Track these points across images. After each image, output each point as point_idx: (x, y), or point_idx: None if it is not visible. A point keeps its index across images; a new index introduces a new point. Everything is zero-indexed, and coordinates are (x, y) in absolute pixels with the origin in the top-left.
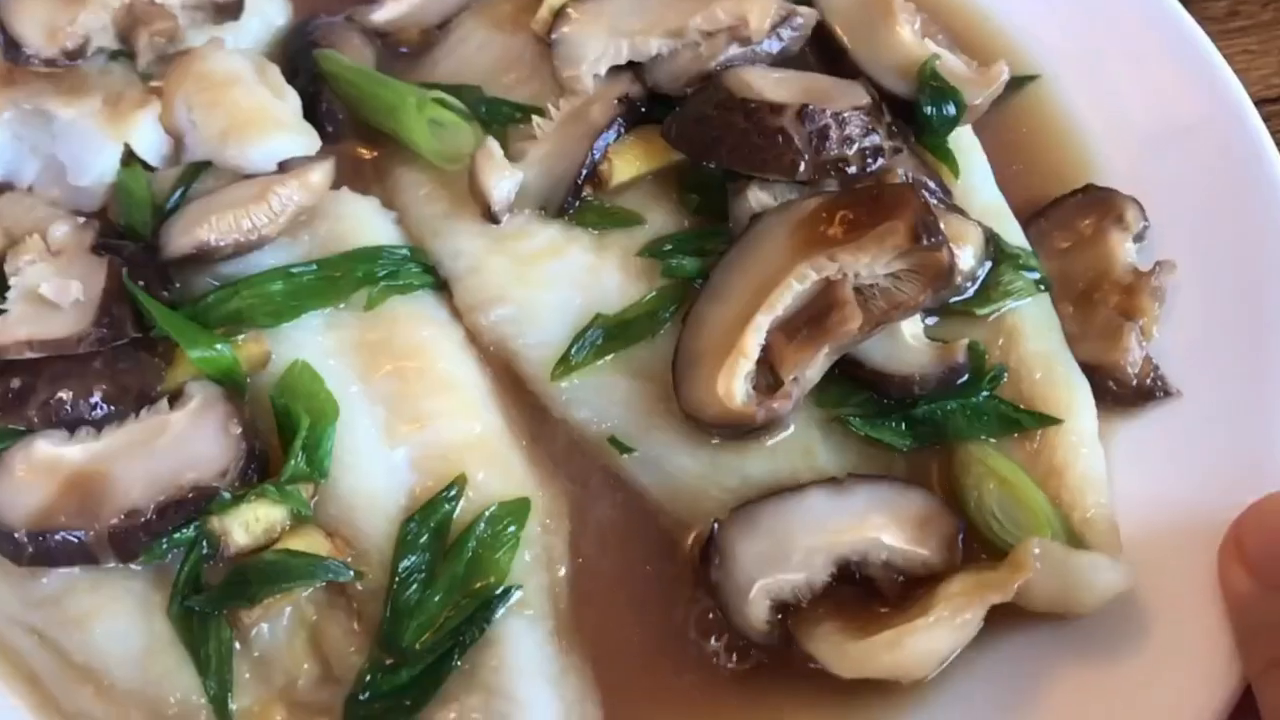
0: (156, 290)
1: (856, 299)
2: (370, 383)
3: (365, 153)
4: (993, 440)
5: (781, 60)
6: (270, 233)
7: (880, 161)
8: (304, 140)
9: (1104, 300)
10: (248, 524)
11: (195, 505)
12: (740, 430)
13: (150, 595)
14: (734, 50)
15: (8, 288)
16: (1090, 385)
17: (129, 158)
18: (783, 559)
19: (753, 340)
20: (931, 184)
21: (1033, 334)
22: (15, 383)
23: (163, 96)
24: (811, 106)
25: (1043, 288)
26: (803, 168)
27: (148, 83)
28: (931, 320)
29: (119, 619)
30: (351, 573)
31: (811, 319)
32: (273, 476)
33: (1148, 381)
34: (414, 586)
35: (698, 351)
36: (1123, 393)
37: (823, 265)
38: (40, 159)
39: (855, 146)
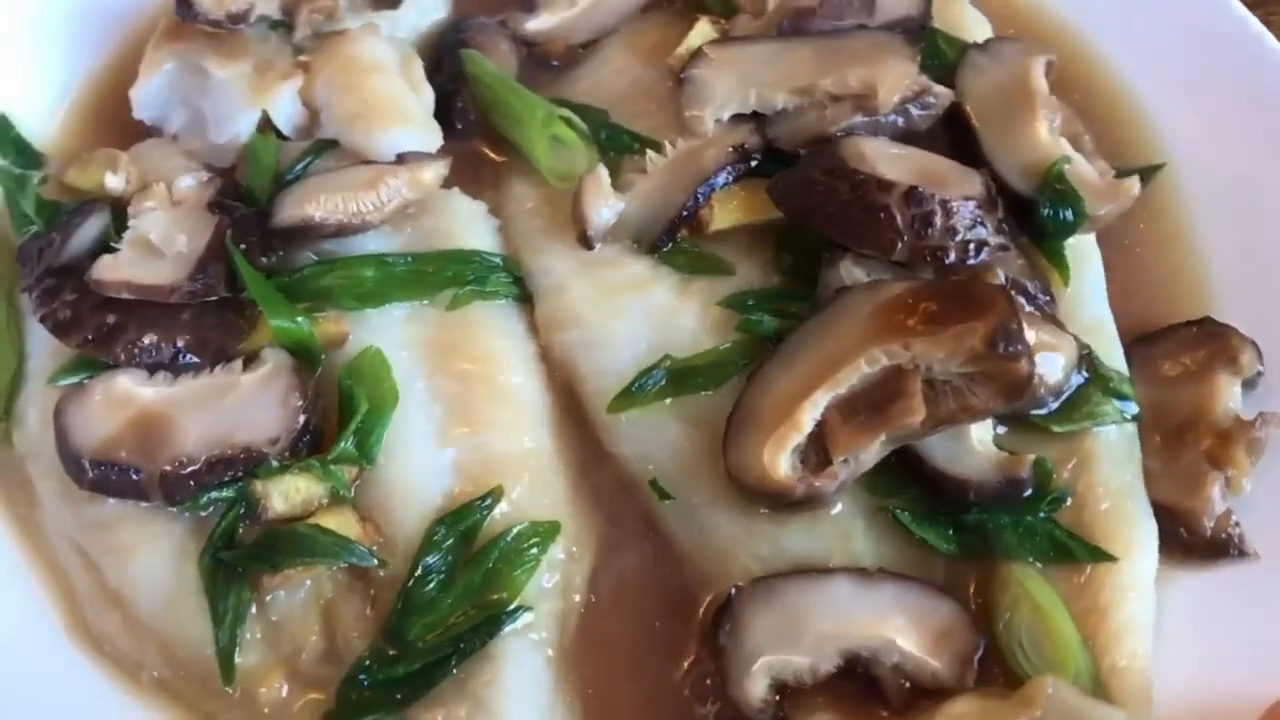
0: (257, 255)
1: (926, 393)
2: (435, 380)
3: (490, 156)
4: (1040, 564)
5: (906, 134)
6: (374, 219)
7: (982, 257)
8: (427, 136)
9: (1195, 442)
10: (287, 493)
11: (242, 466)
12: (778, 501)
13: (187, 542)
14: (857, 118)
15: (127, 227)
16: (1159, 528)
17: (265, 124)
18: (793, 639)
19: (808, 414)
20: (1033, 288)
21: (1108, 463)
22: (110, 319)
23: (309, 72)
24: (920, 189)
25: (1130, 418)
26: (899, 249)
27: (298, 56)
28: (1004, 428)
29: (155, 557)
30: (375, 560)
31: (873, 404)
32: (323, 453)
33: (1222, 536)
34: (430, 585)
35: (754, 414)
36: (1193, 543)
37: (895, 352)
38: (189, 111)
39: (958, 237)
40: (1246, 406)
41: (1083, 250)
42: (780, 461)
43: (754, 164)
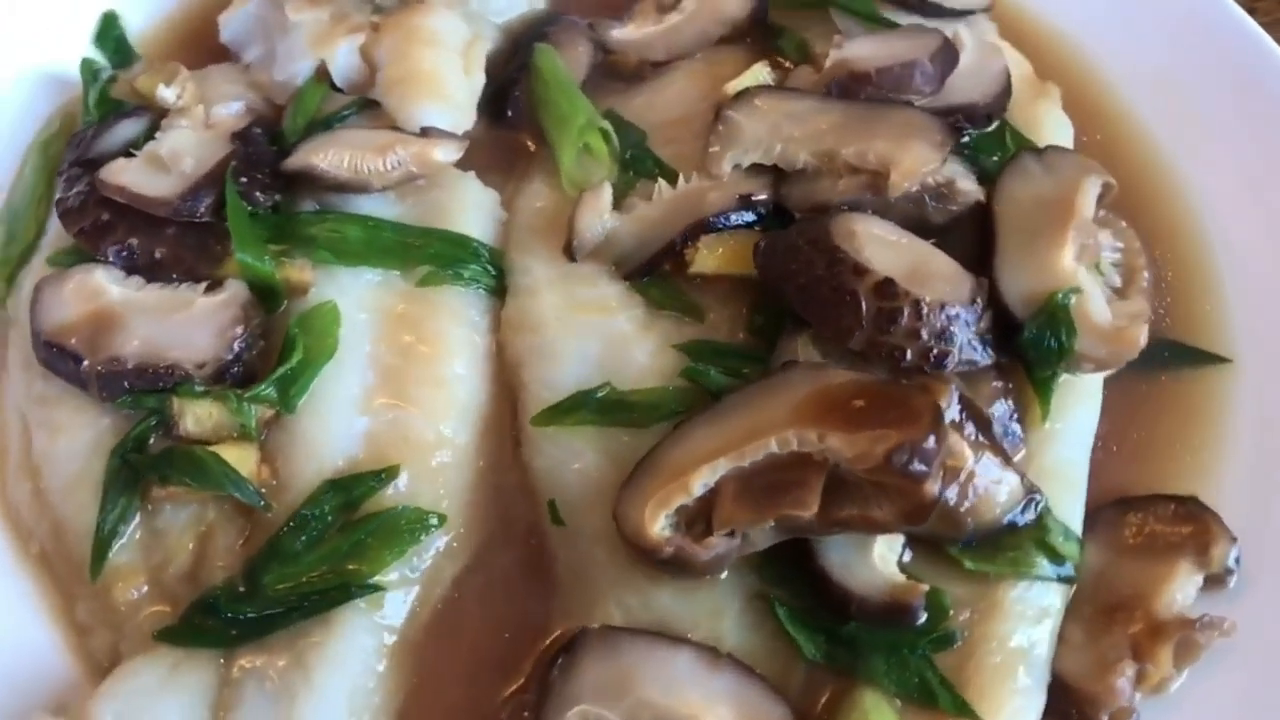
0: (256, 191)
1: (833, 492)
2: (379, 348)
3: (530, 148)
4: (899, 701)
5: (920, 222)
6: (376, 183)
7: (944, 367)
8: (457, 117)
9: (1126, 624)
10: (199, 417)
11: (166, 380)
12: (647, 557)
13: (107, 437)
14: (867, 195)
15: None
16: (1050, 705)
17: (322, 73)
18: (615, 697)
19: (701, 479)
20: (999, 415)
21: (1015, 619)
22: (105, 217)
23: (377, 31)
24: (894, 283)
25: (1059, 579)
26: (856, 338)
27: (375, 15)
28: (917, 546)
29: (76, 442)
30: (259, 501)
31: (770, 486)
32: (246, 389)
33: None
34: (301, 539)
35: (657, 464)
36: None
37: (808, 440)
38: (265, 46)
39: (920, 341)
40: (1207, 605)
41: (1079, 391)
42: (658, 518)
43: (756, 217)
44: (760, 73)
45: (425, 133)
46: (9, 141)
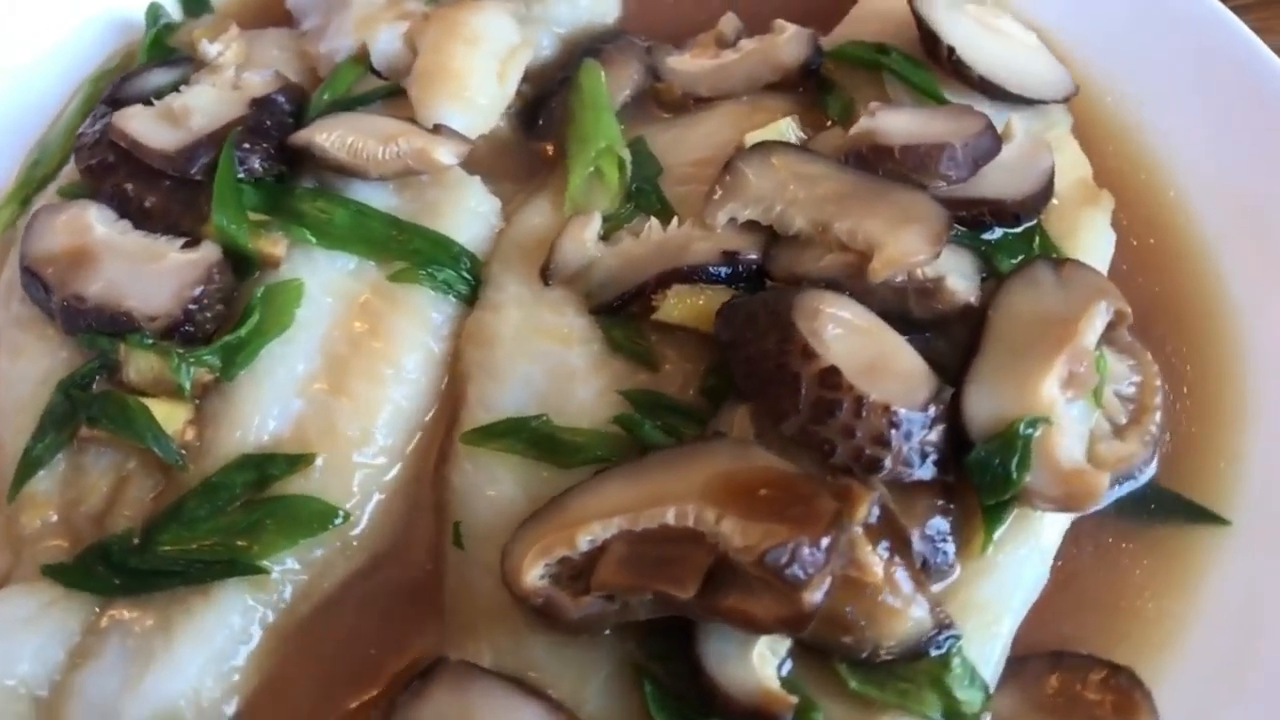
0: (256, 157)
1: (721, 579)
2: (334, 334)
3: (551, 158)
4: None
5: (904, 312)
6: (373, 171)
7: (875, 473)
8: (475, 120)
9: None
10: (140, 368)
11: (119, 325)
12: (519, 601)
13: (59, 369)
14: (848, 276)
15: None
16: None
17: (361, 55)
18: None
19: (586, 535)
20: (928, 535)
21: None
22: (110, 158)
23: (427, 21)
24: (839, 374)
25: None
26: (789, 423)
27: (431, 5)
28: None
29: (33, 367)
30: (176, 460)
31: (656, 557)
32: (191, 350)
33: None
34: (204, 507)
35: (555, 511)
36: None
37: (704, 519)
38: (323, 18)
39: (854, 441)
40: None
41: (1033, 526)
42: (537, 565)
43: (735, 275)
44: (785, 127)
45: (437, 130)
46: (78, 74)
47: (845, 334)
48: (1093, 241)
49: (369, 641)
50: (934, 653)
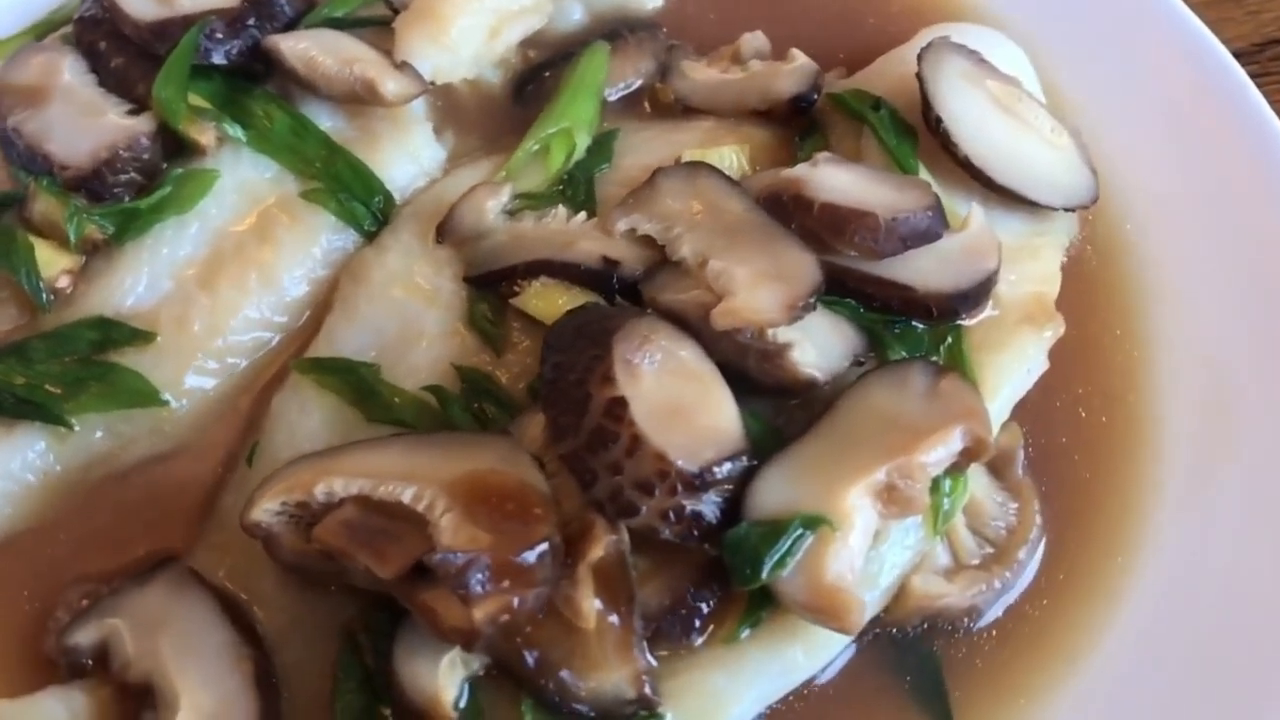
0: (223, 48)
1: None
2: (228, 232)
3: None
4: None
5: (742, 371)
6: (323, 89)
7: (630, 518)
8: (443, 66)
9: None
10: (41, 210)
11: (33, 165)
12: (243, 529)
13: None
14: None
15: None
16: None
17: None
18: (143, 632)
19: (322, 486)
20: (672, 600)
21: None
22: (99, 15)
23: None
24: (625, 410)
25: None
26: (564, 443)
27: None
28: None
29: None
30: (43, 301)
31: (377, 530)
32: (90, 205)
33: None
34: (44, 350)
35: (323, 458)
36: None
37: (432, 507)
38: None
39: (614, 479)
40: None
41: (800, 629)
42: (272, 502)
43: (608, 284)
44: (725, 154)
45: (401, 66)
46: None
47: (662, 372)
48: (1011, 366)
49: (139, 522)
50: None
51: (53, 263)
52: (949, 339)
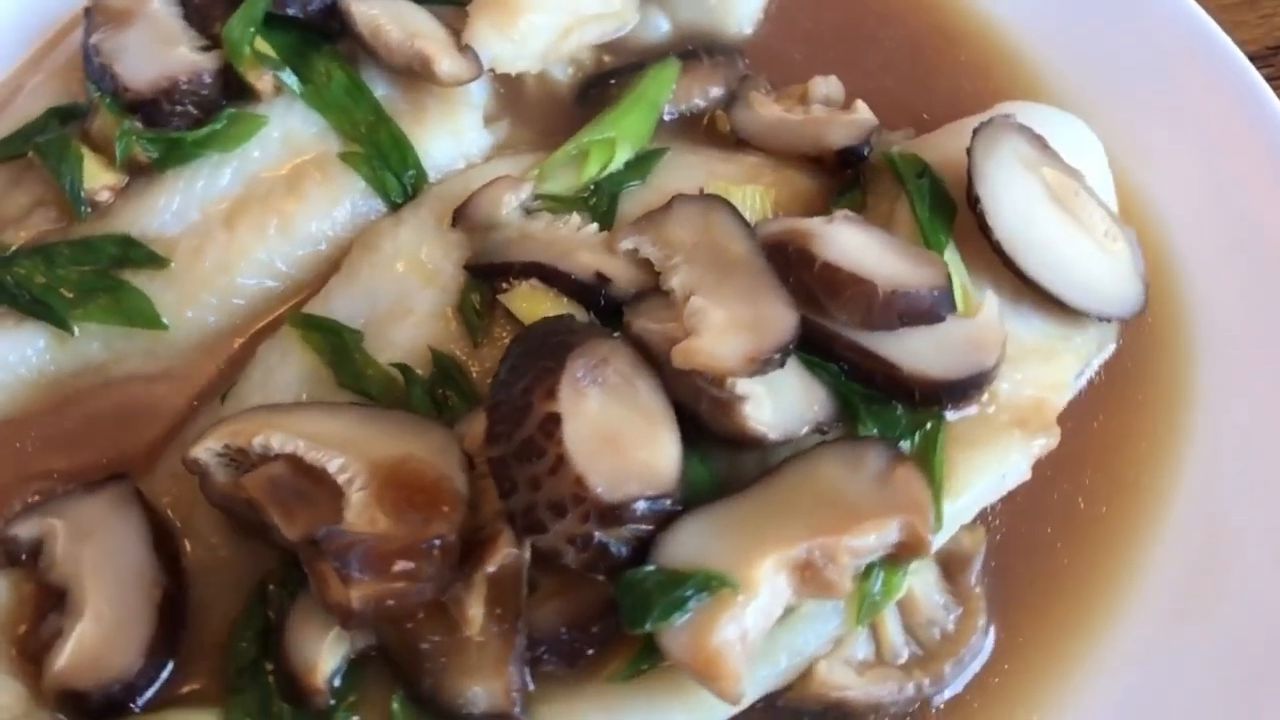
0: (299, 4)
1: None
2: (262, 176)
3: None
4: None
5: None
6: (384, 57)
7: (536, 535)
8: (507, 55)
9: None
10: (99, 125)
11: (101, 82)
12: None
13: (62, 99)
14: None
15: None
16: None
17: None
18: (76, 539)
19: (261, 439)
20: (566, 625)
21: None
22: None
23: None
24: (558, 428)
25: None
26: (495, 447)
27: None
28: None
29: (47, 89)
30: (81, 209)
31: (297, 491)
32: (144, 130)
33: None
34: (68, 255)
35: (276, 411)
36: None
37: (352, 481)
38: None
39: (531, 495)
40: None
41: (685, 684)
42: (214, 442)
43: (595, 299)
44: (749, 193)
45: (464, 49)
46: None
47: (610, 399)
48: (987, 466)
49: (110, 434)
50: None
51: (97, 176)
52: (928, 425)
